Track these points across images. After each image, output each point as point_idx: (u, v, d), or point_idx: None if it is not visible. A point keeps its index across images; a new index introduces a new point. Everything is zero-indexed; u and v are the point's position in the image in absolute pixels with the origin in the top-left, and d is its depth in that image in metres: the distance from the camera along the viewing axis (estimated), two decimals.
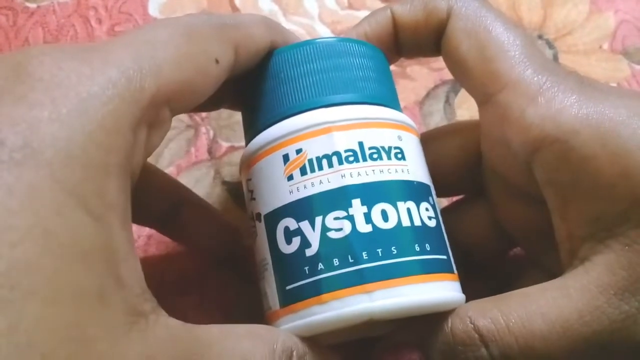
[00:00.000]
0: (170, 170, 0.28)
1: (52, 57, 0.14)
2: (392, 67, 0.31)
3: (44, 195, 0.12)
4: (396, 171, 0.19)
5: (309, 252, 0.18)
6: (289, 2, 0.33)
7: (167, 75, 0.15)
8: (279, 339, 0.17)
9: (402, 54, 0.23)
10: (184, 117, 0.30)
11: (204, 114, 0.30)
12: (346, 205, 0.18)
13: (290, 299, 0.18)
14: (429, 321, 0.18)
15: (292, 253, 0.18)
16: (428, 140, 0.22)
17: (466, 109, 0.30)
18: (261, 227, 0.20)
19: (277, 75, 0.20)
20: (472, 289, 0.20)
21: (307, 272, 0.18)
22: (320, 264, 0.18)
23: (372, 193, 0.18)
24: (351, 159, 0.18)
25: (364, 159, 0.19)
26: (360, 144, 0.19)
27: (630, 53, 0.32)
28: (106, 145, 0.14)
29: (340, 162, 0.18)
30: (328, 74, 0.20)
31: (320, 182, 0.18)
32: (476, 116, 0.30)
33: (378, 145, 0.19)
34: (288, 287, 0.18)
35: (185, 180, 0.28)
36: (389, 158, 0.19)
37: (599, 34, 0.32)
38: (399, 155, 0.19)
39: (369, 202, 0.18)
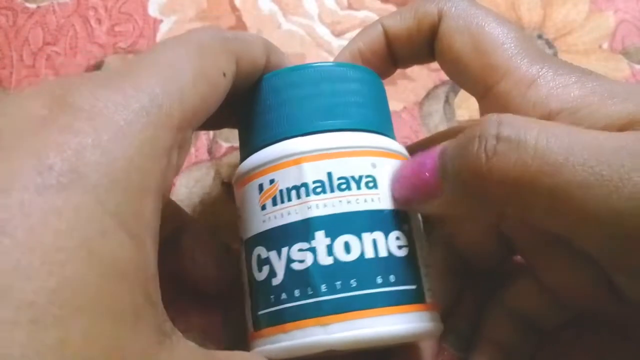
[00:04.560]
0: None
1: (89, 88, 0.15)
2: None
3: (89, 217, 0.13)
4: (365, 201, 0.19)
5: (275, 282, 0.19)
6: (289, 2, 0.33)
7: (188, 98, 0.16)
8: None
9: (398, 65, 0.23)
10: None
11: None
12: (309, 237, 0.18)
13: (260, 324, 0.19)
14: None
15: (262, 281, 0.19)
16: (430, 145, 0.22)
17: (465, 108, 0.30)
18: (242, 251, 0.20)
19: (261, 102, 0.21)
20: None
21: (272, 300, 0.19)
22: (283, 293, 0.18)
23: (336, 225, 0.18)
24: (319, 190, 0.19)
25: (332, 190, 0.19)
26: (329, 175, 0.19)
27: (630, 53, 0.32)
28: (144, 170, 0.15)
29: (308, 194, 0.19)
30: (304, 102, 0.20)
31: (289, 213, 0.19)
32: (475, 116, 0.30)
33: (348, 175, 0.19)
34: (259, 313, 0.19)
35: (185, 180, 0.28)
36: (359, 188, 0.19)
37: (598, 33, 0.32)
38: (371, 184, 0.19)
39: (332, 234, 0.18)
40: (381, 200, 0.19)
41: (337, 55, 0.23)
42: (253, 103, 0.21)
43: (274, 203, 0.19)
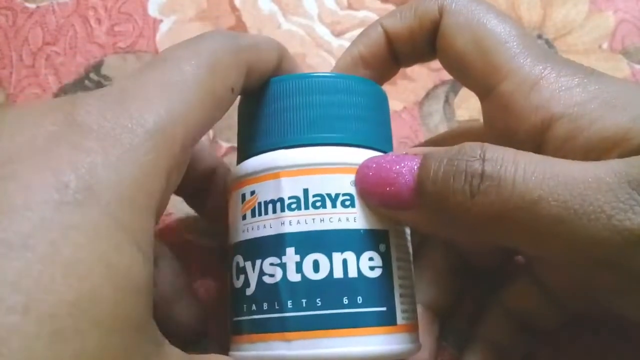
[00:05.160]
0: None
1: (97, 108, 0.15)
2: None
3: (104, 232, 0.14)
4: (339, 220, 0.19)
5: (248, 292, 0.19)
6: (289, 2, 0.33)
7: (193, 118, 0.16)
8: None
9: (400, 64, 0.23)
10: None
11: None
12: (281, 253, 0.18)
13: (234, 329, 0.20)
14: None
15: (239, 289, 0.19)
16: (433, 145, 0.22)
17: (465, 108, 0.30)
18: (229, 256, 0.21)
19: (255, 110, 0.21)
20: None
21: (245, 310, 0.19)
22: (254, 305, 0.19)
23: (307, 242, 0.18)
24: (294, 206, 0.19)
25: (306, 207, 0.18)
26: (305, 191, 0.19)
27: (630, 52, 0.32)
28: (148, 190, 0.15)
29: (283, 209, 0.19)
30: (289, 113, 0.20)
31: (264, 226, 0.19)
32: (475, 116, 0.30)
33: (324, 193, 0.19)
34: (234, 319, 0.20)
35: None
36: (334, 206, 0.19)
37: (598, 33, 0.32)
38: (347, 203, 0.19)
39: (302, 252, 0.18)
40: (357, 219, 0.19)
41: (338, 60, 0.23)
42: (249, 109, 0.21)
43: (253, 214, 0.19)
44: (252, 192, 0.19)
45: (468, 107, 0.30)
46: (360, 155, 0.19)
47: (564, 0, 0.33)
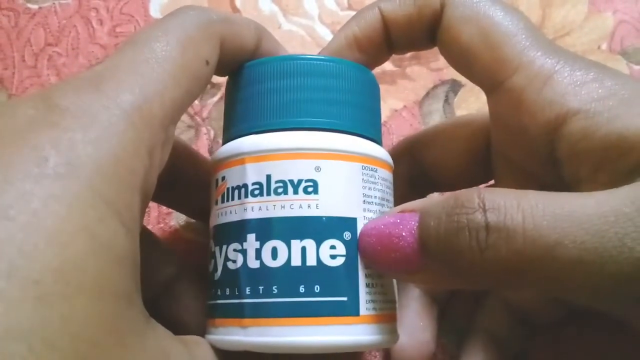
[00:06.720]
0: None
1: (73, 90, 0.15)
2: (392, 68, 0.31)
3: (86, 204, 0.14)
4: (300, 207, 0.18)
5: (216, 277, 0.19)
6: (289, 3, 0.33)
7: (169, 95, 0.17)
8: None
9: (394, 50, 0.22)
10: (184, 117, 0.30)
11: (204, 114, 0.30)
12: (242, 239, 0.18)
13: (206, 313, 0.20)
14: None
15: (210, 273, 0.20)
16: (433, 136, 0.22)
17: (465, 108, 0.30)
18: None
19: (231, 95, 0.21)
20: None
21: (213, 294, 0.19)
22: (219, 289, 0.19)
23: (267, 229, 0.18)
24: (256, 192, 0.19)
25: (268, 193, 0.18)
26: (268, 177, 0.18)
27: (629, 53, 0.32)
28: (130, 167, 0.15)
29: (246, 195, 0.19)
30: (257, 99, 0.20)
31: (230, 212, 0.19)
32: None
33: (286, 179, 0.18)
34: (207, 302, 0.20)
35: None
36: (296, 192, 0.18)
37: (597, 34, 0.32)
38: (310, 189, 0.18)
39: (262, 238, 0.18)
40: (320, 206, 0.18)
41: (332, 39, 0.22)
42: (228, 96, 0.21)
43: (223, 200, 0.19)
44: (223, 178, 0.20)
45: (468, 106, 0.30)
46: (324, 140, 0.19)
47: (563, 1, 0.33)
